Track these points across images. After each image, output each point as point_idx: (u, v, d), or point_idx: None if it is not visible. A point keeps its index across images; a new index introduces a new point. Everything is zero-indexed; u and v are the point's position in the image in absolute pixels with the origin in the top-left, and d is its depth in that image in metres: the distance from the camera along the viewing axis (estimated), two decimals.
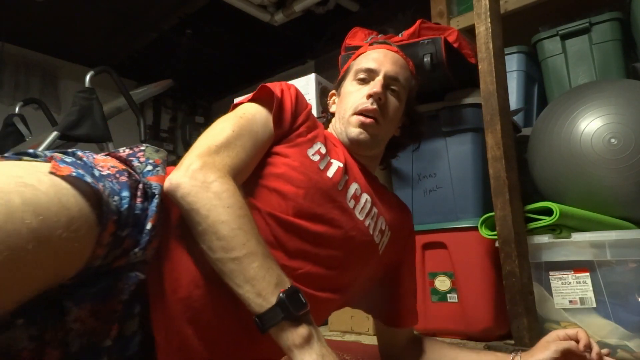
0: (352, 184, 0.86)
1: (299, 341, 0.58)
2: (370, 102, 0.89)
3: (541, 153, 1.38)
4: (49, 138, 2.09)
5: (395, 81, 0.93)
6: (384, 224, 0.92)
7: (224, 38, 3.68)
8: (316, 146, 0.84)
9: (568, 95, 1.42)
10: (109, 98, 2.75)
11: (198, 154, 0.68)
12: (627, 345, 1.08)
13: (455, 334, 1.43)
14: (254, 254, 0.60)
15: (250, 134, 0.76)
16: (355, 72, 0.95)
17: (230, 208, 0.62)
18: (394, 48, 0.99)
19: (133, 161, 0.70)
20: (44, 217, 0.46)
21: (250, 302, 0.59)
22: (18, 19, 3.33)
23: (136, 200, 0.60)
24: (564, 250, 1.18)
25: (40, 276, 0.47)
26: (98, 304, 0.54)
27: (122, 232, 0.56)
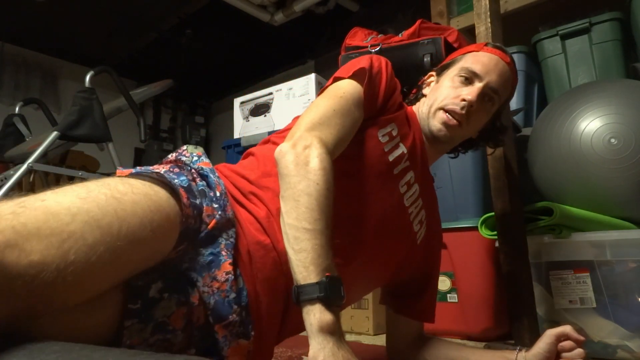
0: (409, 172, 0.89)
1: (323, 324, 0.61)
2: (461, 105, 0.90)
3: (541, 153, 1.38)
4: (49, 138, 2.09)
5: (494, 93, 0.93)
6: (424, 217, 0.95)
7: (224, 38, 3.68)
8: (389, 127, 0.87)
9: (568, 95, 1.42)
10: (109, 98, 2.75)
11: (305, 128, 0.74)
12: (627, 345, 1.08)
13: (455, 334, 1.43)
14: (319, 233, 0.65)
15: (348, 113, 0.80)
16: (460, 69, 0.94)
17: (319, 184, 0.68)
18: (507, 58, 0.97)
19: (181, 158, 0.79)
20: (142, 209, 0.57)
21: (297, 270, 0.64)
22: (18, 19, 3.33)
23: (195, 181, 0.71)
24: (564, 250, 1.18)
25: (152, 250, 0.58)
26: (215, 270, 0.64)
27: (196, 200, 0.66)
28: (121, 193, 0.56)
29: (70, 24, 3.45)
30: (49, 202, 0.52)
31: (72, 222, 0.51)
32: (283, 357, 1.21)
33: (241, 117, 2.13)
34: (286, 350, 1.27)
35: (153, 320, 0.59)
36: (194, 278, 0.63)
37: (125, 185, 0.58)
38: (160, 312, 0.59)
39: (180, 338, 0.61)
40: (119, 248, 0.53)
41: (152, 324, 0.59)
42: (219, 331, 0.64)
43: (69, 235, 0.50)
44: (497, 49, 0.97)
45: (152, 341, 0.59)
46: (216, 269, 0.65)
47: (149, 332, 0.58)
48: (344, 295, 0.64)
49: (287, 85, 1.94)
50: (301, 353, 1.22)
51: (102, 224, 0.52)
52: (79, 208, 0.52)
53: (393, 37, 1.55)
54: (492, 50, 0.97)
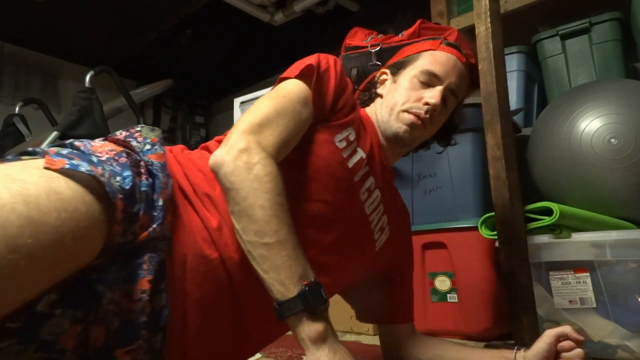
0: (370, 178, 0.86)
1: (314, 335, 0.59)
2: (424, 109, 0.88)
3: (541, 153, 1.38)
4: (49, 138, 2.09)
5: (453, 95, 0.93)
6: (385, 223, 0.92)
7: (224, 38, 3.68)
8: (346, 132, 0.83)
9: (568, 95, 1.42)
10: (109, 98, 2.75)
11: (243, 131, 0.68)
12: (627, 345, 1.08)
13: (455, 334, 1.43)
14: (284, 243, 0.61)
15: (293, 113, 0.75)
16: (419, 70, 0.92)
17: (268, 193, 0.63)
18: (462, 58, 0.96)
19: (131, 142, 0.70)
20: (35, 204, 0.46)
21: (273, 289, 0.60)
22: (18, 19, 3.33)
23: (141, 177, 0.62)
24: (564, 250, 1.17)
25: (50, 261, 0.48)
26: (128, 286, 0.56)
27: (133, 208, 0.58)
28: (41, 213, 0.46)
29: (70, 24, 3.45)
30: None
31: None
32: (283, 357, 1.21)
33: None
34: (286, 350, 1.27)
35: (37, 340, 0.50)
36: (100, 291, 0.54)
37: (51, 200, 0.48)
38: (47, 330, 0.50)
39: (69, 358, 0.53)
40: (22, 281, 0.45)
41: (35, 344, 0.50)
42: (119, 356, 0.57)
43: None
44: (453, 47, 0.96)
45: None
46: (131, 285, 0.57)
47: (30, 352, 0.50)
48: (326, 298, 0.62)
49: None
50: (301, 353, 1.22)
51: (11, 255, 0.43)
52: None
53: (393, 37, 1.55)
54: (449, 49, 0.95)
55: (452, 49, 0.95)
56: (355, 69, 1.60)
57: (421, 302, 1.47)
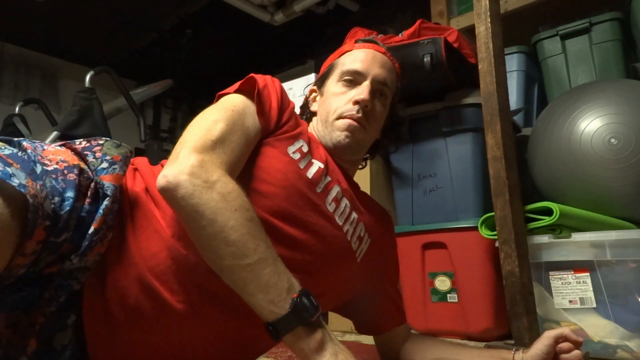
0: (334, 187, 0.82)
1: (314, 346, 0.57)
2: (356, 109, 0.85)
3: (541, 153, 1.38)
4: (49, 138, 2.09)
5: (383, 86, 0.90)
6: (363, 231, 0.88)
7: (224, 38, 3.68)
8: (298, 144, 0.80)
9: (568, 95, 1.42)
10: (109, 98, 2.75)
11: (193, 148, 0.62)
12: (627, 345, 1.08)
13: (455, 334, 1.43)
14: (265, 260, 0.58)
15: (242, 129, 0.72)
16: (340, 73, 0.90)
17: (237, 211, 0.58)
18: (381, 49, 0.94)
19: (88, 156, 0.64)
20: None
21: (263, 311, 0.57)
22: (18, 19, 3.33)
23: (84, 201, 0.56)
24: (564, 250, 1.18)
25: None
26: (16, 315, 0.49)
27: (58, 238, 0.52)
28: None
29: (70, 24, 3.45)
30: None
31: None
32: (283, 357, 1.21)
33: None
34: (286, 350, 1.27)
35: None
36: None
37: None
38: None
39: None
40: None
41: None
42: None
43: None
44: (369, 42, 0.95)
45: None
46: (22, 313, 0.49)
47: None
48: (317, 305, 0.59)
49: (287, 85, 1.94)
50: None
51: None
52: None
53: (393, 37, 1.55)
54: (364, 45, 0.94)
55: (367, 44, 0.94)
56: None
57: (421, 302, 1.47)
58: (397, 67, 0.97)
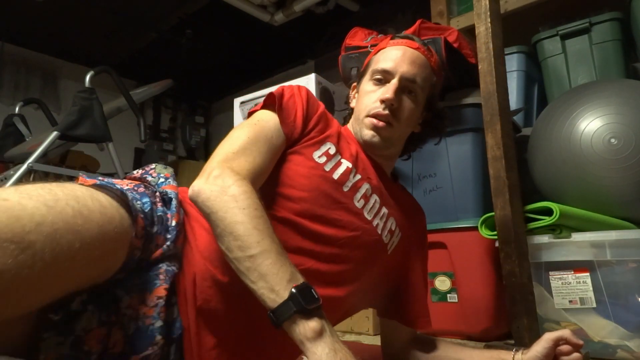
0: (363, 185, 0.87)
1: (310, 334, 0.59)
2: (382, 107, 0.89)
3: (541, 153, 1.38)
4: (49, 138, 2.09)
5: (411, 83, 0.91)
6: (394, 225, 0.92)
7: (224, 38, 3.68)
8: (324, 147, 0.86)
9: (568, 95, 1.42)
10: (109, 98, 2.75)
11: (217, 161, 0.73)
12: (627, 345, 1.08)
13: (455, 334, 1.43)
14: (267, 252, 0.62)
15: (265, 140, 0.79)
16: (372, 72, 0.94)
17: (245, 209, 0.65)
18: (414, 44, 0.95)
19: (147, 177, 0.79)
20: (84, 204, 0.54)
21: (265, 298, 0.61)
22: (18, 19, 3.33)
23: (157, 205, 0.70)
24: (564, 250, 1.18)
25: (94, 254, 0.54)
26: (145, 293, 0.62)
27: (152, 229, 0.65)
28: (89, 210, 0.53)
29: (70, 24, 3.45)
30: (12, 202, 0.48)
31: (34, 231, 0.47)
32: None
33: (241, 117, 2.13)
34: None
35: (72, 334, 0.55)
36: (119, 296, 0.60)
37: (95, 203, 0.55)
38: (81, 326, 0.56)
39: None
40: (69, 269, 0.50)
41: (71, 338, 0.55)
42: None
43: (28, 246, 0.46)
44: (403, 38, 0.96)
45: (67, 359, 0.55)
46: (148, 292, 0.62)
47: (67, 347, 0.55)
48: (317, 297, 0.62)
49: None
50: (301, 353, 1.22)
51: (63, 242, 0.49)
52: (43, 217, 0.48)
53: None
54: (398, 41, 0.95)
55: (400, 40, 0.96)
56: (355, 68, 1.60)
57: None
58: (433, 61, 0.98)
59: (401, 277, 0.99)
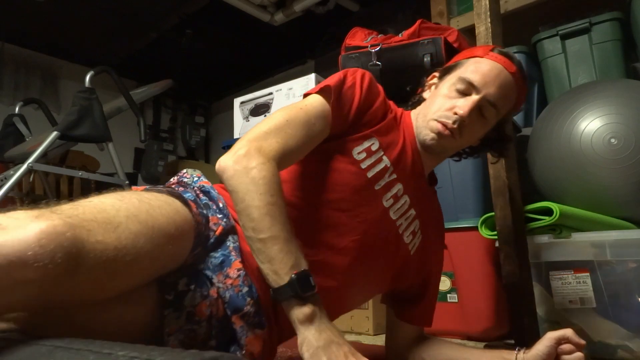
0: (396, 185, 0.88)
1: (302, 317, 0.67)
2: (453, 119, 0.86)
3: (541, 153, 1.38)
4: (49, 138, 2.09)
5: (491, 106, 0.87)
6: (417, 227, 0.93)
7: (224, 38, 3.68)
8: (368, 142, 0.85)
9: (568, 95, 1.42)
10: (109, 98, 2.75)
11: (248, 139, 0.75)
12: (627, 345, 1.08)
13: (455, 334, 1.43)
14: (276, 238, 0.69)
15: (305, 124, 0.79)
16: (458, 78, 0.89)
17: (262, 195, 0.70)
18: (513, 67, 0.89)
19: (183, 179, 0.87)
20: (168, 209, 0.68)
21: (269, 278, 0.69)
22: (18, 19, 3.33)
23: (199, 196, 0.79)
24: (564, 250, 1.18)
25: (181, 243, 0.68)
26: (227, 269, 0.73)
27: (204, 211, 0.75)
28: (147, 199, 0.66)
29: (70, 24, 3.45)
30: (95, 201, 0.62)
31: (118, 215, 0.60)
32: (283, 357, 1.21)
33: (241, 117, 2.13)
34: (286, 350, 1.27)
35: (185, 309, 0.67)
36: (210, 276, 0.72)
37: (149, 194, 0.69)
38: (189, 302, 0.68)
39: (204, 329, 0.69)
40: (155, 239, 0.61)
41: (185, 312, 0.67)
42: (236, 322, 0.71)
43: (118, 224, 0.59)
44: (504, 55, 0.90)
45: (185, 329, 0.67)
46: (227, 267, 0.73)
47: (183, 320, 0.67)
48: (314, 285, 0.69)
49: (287, 85, 1.94)
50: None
51: (140, 219, 0.61)
52: (120, 205, 0.62)
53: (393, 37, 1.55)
54: (497, 57, 0.89)
55: (501, 57, 0.89)
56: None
57: None
58: (522, 88, 0.94)
59: (422, 277, 1.00)
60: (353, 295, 0.91)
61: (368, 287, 0.94)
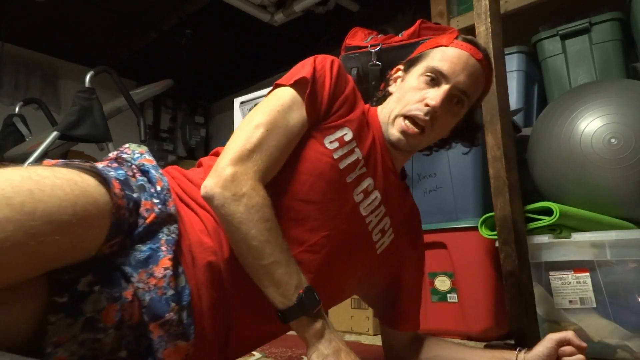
0: (367, 179, 0.84)
1: (314, 333, 0.69)
2: (424, 111, 0.83)
3: (541, 153, 1.38)
4: (49, 138, 2.09)
5: (462, 94, 0.86)
6: (387, 225, 0.89)
7: (224, 38, 3.68)
8: (340, 132, 0.82)
9: (568, 95, 1.42)
10: (109, 98, 2.75)
11: (230, 160, 0.71)
12: (627, 345, 1.08)
13: (455, 334, 1.43)
14: (278, 262, 0.69)
15: (285, 129, 0.77)
16: (425, 67, 0.86)
17: (258, 222, 0.69)
18: (479, 54, 0.87)
19: (122, 155, 0.78)
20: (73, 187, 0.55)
21: (275, 300, 0.69)
22: (18, 19, 3.33)
23: (135, 176, 0.70)
24: (564, 250, 1.18)
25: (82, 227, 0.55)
26: (152, 266, 0.63)
27: (132, 193, 0.65)
28: (40, 176, 0.53)
29: (70, 24, 3.45)
30: None
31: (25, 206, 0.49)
32: (283, 357, 1.21)
33: (241, 117, 2.13)
34: (286, 350, 1.28)
35: (83, 314, 0.56)
36: (129, 273, 0.61)
37: (48, 170, 0.56)
38: (90, 306, 0.56)
39: (112, 337, 0.59)
40: (34, 228, 0.50)
41: (83, 319, 0.56)
42: (154, 330, 0.62)
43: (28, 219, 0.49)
44: (469, 42, 0.88)
45: (81, 339, 0.56)
46: (154, 264, 0.63)
47: (78, 327, 0.55)
48: (319, 300, 0.70)
49: None
50: (301, 353, 1.22)
51: (13, 202, 0.49)
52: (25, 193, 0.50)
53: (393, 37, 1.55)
54: (463, 45, 0.87)
55: (466, 44, 0.88)
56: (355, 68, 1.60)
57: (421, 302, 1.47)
58: (489, 75, 0.92)
59: (392, 279, 0.96)
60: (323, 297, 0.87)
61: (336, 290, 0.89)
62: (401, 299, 0.97)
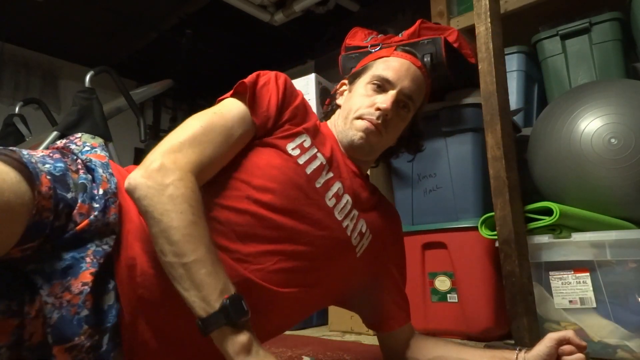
0: (335, 183, 0.85)
1: (238, 348, 0.59)
2: (376, 115, 0.88)
3: (541, 153, 1.38)
4: (49, 138, 2.09)
5: (408, 99, 0.92)
6: (364, 227, 0.90)
7: (224, 38, 3.68)
8: (299, 139, 0.82)
9: (568, 95, 1.42)
10: (109, 98, 2.75)
11: (161, 152, 0.67)
12: (627, 345, 1.08)
13: (455, 334, 1.43)
14: (202, 261, 0.61)
15: (222, 130, 0.74)
16: (372, 76, 0.92)
17: (182, 214, 0.61)
18: (418, 62, 0.95)
19: (70, 146, 0.72)
20: None
21: (195, 306, 0.60)
22: (18, 19, 3.33)
23: (78, 172, 0.64)
24: (564, 250, 1.18)
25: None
26: (70, 278, 0.56)
27: (67, 193, 0.59)
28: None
29: (70, 24, 3.45)
30: None
31: None
32: (283, 357, 1.21)
33: None
34: (286, 351, 1.27)
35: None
36: (38, 284, 0.54)
37: None
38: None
39: (4, 359, 0.52)
40: None
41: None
42: (57, 355, 0.54)
43: None
44: (408, 53, 0.96)
45: None
46: (72, 277, 0.56)
47: None
48: (247, 309, 0.61)
49: None
50: (301, 353, 1.22)
51: None
52: None
53: (393, 37, 1.55)
54: (403, 55, 0.95)
55: (406, 54, 0.95)
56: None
57: (421, 302, 1.47)
58: (428, 84, 0.99)
59: (372, 281, 0.96)
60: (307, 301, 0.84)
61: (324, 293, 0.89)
62: (384, 300, 0.97)
